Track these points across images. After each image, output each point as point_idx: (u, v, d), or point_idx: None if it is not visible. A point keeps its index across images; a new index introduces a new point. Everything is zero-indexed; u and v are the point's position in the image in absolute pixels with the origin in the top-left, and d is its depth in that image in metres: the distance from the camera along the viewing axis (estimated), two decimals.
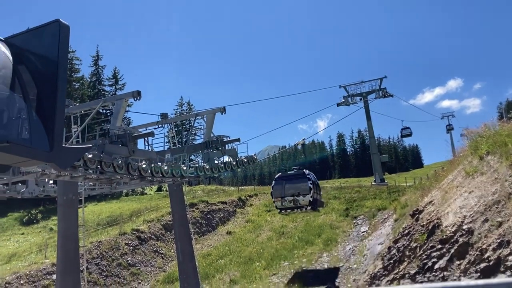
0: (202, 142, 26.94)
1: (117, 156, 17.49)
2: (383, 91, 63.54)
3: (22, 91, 10.62)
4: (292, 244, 35.16)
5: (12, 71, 10.73)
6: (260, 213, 46.30)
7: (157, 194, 59.08)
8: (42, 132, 10.41)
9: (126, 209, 47.91)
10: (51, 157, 10.55)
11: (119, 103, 19.19)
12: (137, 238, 36.71)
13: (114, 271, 31.95)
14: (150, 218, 41.47)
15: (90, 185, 22.51)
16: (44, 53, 11.13)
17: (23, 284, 26.14)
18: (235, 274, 31.32)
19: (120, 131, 18.38)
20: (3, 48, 11.05)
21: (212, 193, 53.93)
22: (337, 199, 46.39)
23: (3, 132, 9.61)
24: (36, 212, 50.30)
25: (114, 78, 75.39)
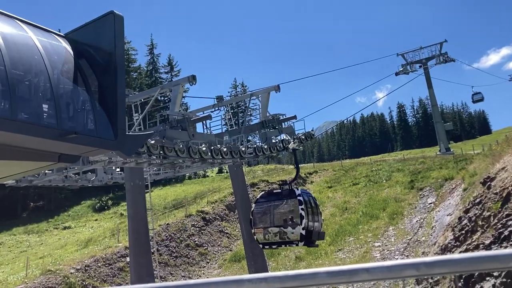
0: (258, 122, 26.98)
1: (178, 140, 17.91)
2: (444, 56, 60.53)
3: (85, 84, 11.07)
4: (356, 219, 34.78)
5: (74, 65, 11.18)
6: (321, 190, 46.07)
7: (218, 176, 60.36)
8: (106, 122, 10.83)
9: (190, 192, 49.37)
10: (116, 145, 10.99)
11: (176, 89, 19.55)
12: (202, 219, 37.78)
13: (183, 252, 33.17)
14: (213, 199, 42.48)
15: (154, 170, 23.29)
16: (102, 45, 11.49)
17: (101, 267, 27.78)
18: (300, 251, 31.51)
19: (179, 116, 18.77)
20: (64, 44, 11.52)
21: (271, 172, 54.27)
22: (401, 172, 45.18)
23: (71, 124, 10.09)
24: (107, 199, 53.02)
25: (170, 65, 77.07)
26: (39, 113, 9.61)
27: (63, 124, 9.49)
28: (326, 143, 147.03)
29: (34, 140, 9.35)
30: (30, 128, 8.99)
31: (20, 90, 9.36)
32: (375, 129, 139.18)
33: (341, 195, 42.75)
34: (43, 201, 55.67)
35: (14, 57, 9.23)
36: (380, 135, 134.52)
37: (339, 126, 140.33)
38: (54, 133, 9.27)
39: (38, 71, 9.88)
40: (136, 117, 20.30)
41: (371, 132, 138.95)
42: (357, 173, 49.35)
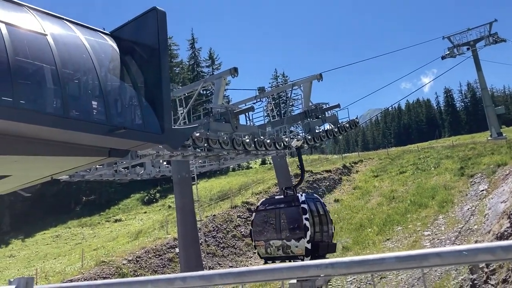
0: (300, 112, 26.81)
1: (222, 132, 18.11)
2: (493, 37, 57.76)
3: (131, 80, 11.32)
4: (404, 208, 34.01)
5: (120, 62, 11.45)
6: (367, 179, 45.33)
7: (262, 167, 60.56)
8: (153, 117, 11.06)
9: (234, 183, 49.84)
10: (163, 139, 11.22)
11: (219, 81, 19.74)
12: (247, 210, 38.07)
13: (230, 242, 33.61)
14: (257, 190, 42.70)
15: (200, 163, 23.68)
16: (146, 41, 11.70)
17: (151, 258, 28.61)
18: (347, 241, 31.20)
19: (222, 109, 18.98)
20: (110, 42, 11.81)
21: (315, 163, 53.90)
22: (450, 159, 43.71)
23: (119, 119, 10.37)
24: (155, 192, 54.40)
25: (211, 59, 77.75)
26: (89, 110, 9.94)
27: (112, 120, 9.77)
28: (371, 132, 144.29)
29: (85, 136, 9.69)
30: (81, 125, 9.31)
31: (71, 88, 9.71)
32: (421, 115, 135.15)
33: (388, 184, 41.89)
34: (95, 195, 57.81)
35: (64, 57, 9.56)
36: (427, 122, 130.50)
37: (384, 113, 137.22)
38: (104, 129, 9.56)
39: (87, 69, 10.21)
40: (181, 111, 20.67)
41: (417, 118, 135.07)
42: (404, 161, 48.17)
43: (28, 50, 9.14)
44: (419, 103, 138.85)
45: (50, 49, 9.27)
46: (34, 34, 9.39)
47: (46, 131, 9.08)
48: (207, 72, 76.09)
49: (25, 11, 9.83)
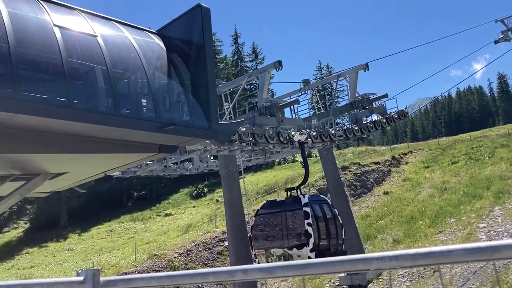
0: (347, 103, 26.38)
1: (267, 126, 18.14)
2: None
3: (178, 77, 11.53)
4: (457, 200, 32.86)
5: (167, 60, 11.68)
6: (417, 171, 44.09)
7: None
8: (200, 113, 11.23)
9: (280, 177, 49.87)
10: (210, 134, 11.37)
11: (263, 75, 19.76)
12: None
13: None
14: None
15: (246, 157, 23.83)
16: (191, 38, 11.87)
17: (201, 251, 29.17)
18: (398, 234, 30.55)
19: (267, 103, 18.99)
20: (156, 40, 12.07)
21: (363, 155, 52.97)
22: (506, 147, 41.76)
23: (168, 116, 10.59)
24: (203, 186, 55.34)
25: (254, 53, 77.92)
26: (139, 107, 10.23)
27: (161, 117, 10.00)
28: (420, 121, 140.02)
29: (136, 133, 9.98)
30: (132, 122, 9.59)
31: (121, 87, 10.01)
32: (473, 103, 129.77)
33: (439, 175, 40.58)
34: (145, 190, 59.50)
35: (114, 57, 9.87)
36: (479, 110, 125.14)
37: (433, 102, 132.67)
38: (153, 125, 9.81)
39: (136, 68, 10.49)
40: (226, 106, 20.86)
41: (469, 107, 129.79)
42: (456, 151, 46.47)
43: (80, 52, 9.50)
44: (470, 91, 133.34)
45: (101, 50, 9.59)
46: (85, 36, 9.74)
47: (99, 129, 9.43)
48: (250, 67, 76.33)
49: (76, 14, 10.20)
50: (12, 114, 7.84)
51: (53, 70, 8.81)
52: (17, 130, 8.50)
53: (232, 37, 78.49)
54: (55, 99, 8.58)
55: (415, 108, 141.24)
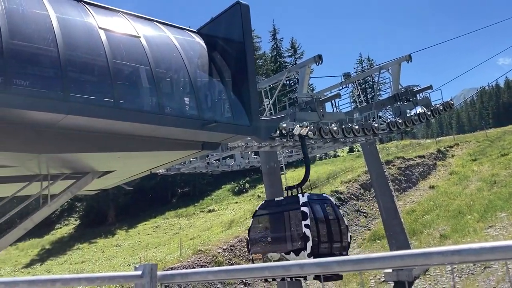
0: (390, 95, 25.81)
1: (309, 121, 18.02)
2: None
3: (219, 74, 11.64)
4: (508, 193, 31.55)
5: (208, 58, 11.82)
6: (464, 163, 42.63)
7: (350, 155, 59.39)
8: (241, 110, 11.30)
9: (321, 172, 49.44)
10: (251, 131, 11.42)
11: (303, 70, 19.63)
12: (337, 199, 37.62)
13: None
14: (346, 179, 41.99)
15: (287, 153, 23.79)
16: (231, 36, 11.95)
17: (244, 247, 29.37)
18: (445, 228, 29.68)
19: (307, 98, 18.88)
20: (197, 39, 12.23)
21: (406, 148, 51.73)
22: None
23: (210, 114, 10.72)
24: (244, 182, 55.71)
25: (293, 49, 77.47)
26: (182, 106, 10.41)
27: (204, 115, 10.15)
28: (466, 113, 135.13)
29: (179, 131, 10.18)
30: (175, 121, 9.79)
31: (164, 86, 10.23)
32: None
33: (488, 167, 39.07)
34: (189, 187, 60.51)
35: (156, 57, 10.09)
36: None
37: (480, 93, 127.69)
38: (196, 123, 9.96)
39: (178, 67, 10.68)
40: (266, 102, 20.88)
41: None
42: (506, 142, 44.58)
43: (124, 53, 9.76)
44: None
45: (144, 50, 9.83)
46: (129, 37, 10.01)
47: (144, 128, 9.67)
48: (289, 62, 75.95)
49: (120, 16, 10.49)
50: (62, 115, 8.17)
51: (99, 72, 9.10)
52: (67, 131, 8.85)
53: (271, 33, 78.40)
54: (102, 100, 8.87)
55: (460, 100, 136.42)
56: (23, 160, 9.68)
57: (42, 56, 8.49)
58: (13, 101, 7.60)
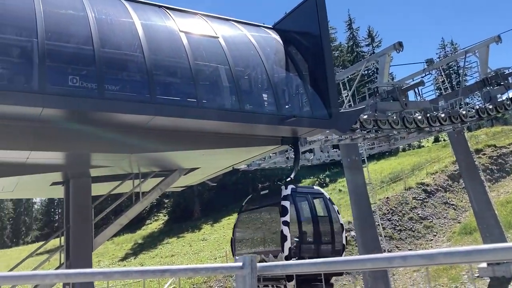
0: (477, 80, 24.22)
1: (391, 112, 17.45)
2: None
3: (296, 69, 11.64)
4: None
5: (285, 53, 11.87)
6: None
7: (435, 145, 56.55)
8: (320, 103, 11.23)
9: (405, 164, 47.59)
10: (331, 124, 11.31)
11: (382, 59, 19.03)
12: (423, 192, 36.08)
13: (407, 225, 32.31)
14: (433, 170, 40.09)
15: (368, 145, 23.23)
16: (307, 29, 11.90)
17: None
18: None
19: (388, 87, 18.28)
20: (273, 35, 12.31)
21: (498, 136, 48.22)
22: None
23: (289, 108, 10.77)
24: (324, 176, 55.22)
25: (370, 37, 75.25)
26: (261, 102, 10.57)
27: (282, 110, 10.23)
28: None
29: (259, 127, 10.35)
30: (255, 117, 9.96)
31: (243, 84, 10.44)
32: None
33: None
34: (269, 182, 61.22)
35: (235, 55, 10.33)
36: None
37: None
38: (275, 119, 10.07)
39: (255, 64, 10.85)
40: (345, 94, 20.50)
41: None
42: None
43: (205, 54, 10.11)
44: None
45: (223, 50, 10.11)
46: (208, 38, 10.35)
47: (226, 125, 9.96)
48: (367, 52, 73.88)
49: (198, 18, 10.88)
50: (150, 116, 8.65)
51: (182, 74, 9.51)
52: (155, 131, 9.36)
53: (346, 22, 76.74)
54: (186, 100, 9.26)
55: None
56: (116, 160, 10.38)
57: (130, 62, 9.05)
58: (106, 105, 8.17)
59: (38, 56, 7.57)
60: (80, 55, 8.36)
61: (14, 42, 8.04)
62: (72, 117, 8.23)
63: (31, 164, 9.33)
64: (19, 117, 7.81)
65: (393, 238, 30.76)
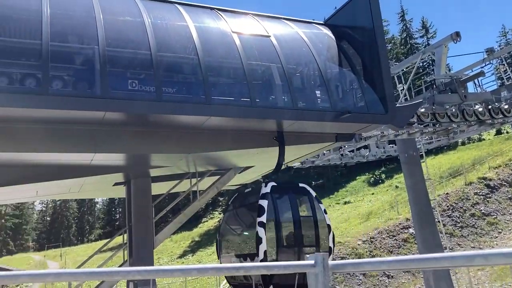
0: None
1: (449, 104, 16.79)
2: None
3: (349, 64, 11.48)
4: None
5: (337, 49, 11.73)
6: None
7: (497, 138, 53.81)
8: (375, 98, 11.01)
9: (465, 158, 45.66)
10: (387, 119, 11.05)
11: (439, 50, 18.33)
12: (485, 187, 34.49)
13: (468, 222, 31.01)
14: (495, 164, 38.20)
15: (426, 139, 22.48)
16: (359, 23, 11.71)
17: (385, 239, 28.57)
18: None
19: (446, 79, 17.61)
20: (325, 31, 12.21)
21: None
22: None
23: (343, 104, 10.64)
24: (379, 172, 53.98)
25: (424, 28, 72.67)
26: (314, 99, 10.50)
27: (337, 106, 10.10)
28: None
29: (313, 124, 10.29)
30: (309, 114, 9.91)
31: (295, 81, 10.42)
32: None
33: None
34: (322, 179, 60.73)
35: (287, 53, 10.33)
36: None
37: None
38: (329, 115, 9.97)
39: (308, 61, 10.80)
40: (400, 87, 19.95)
41: None
42: None
43: (257, 53, 10.19)
44: None
45: (275, 49, 10.14)
46: (260, 38, 10.42)
47: (279, 124, 9.99)
48: (421, 43, 71.44)
49: (249, 18, 10.97)
50: (206, 117, 8.84)
51: (235, 74, 9.63)
52: (211, 131, 9.55)
53: (398, 14, 74.53)
54: (239, 100, 9.38)
55: None
56: (174, 160, 10.69)
57: (185, 64, 9.29)
58: (164, 108, 8.43)
59: (100, 62, 7.93)
60: (138, 60, 8.68)
61: (77, 50, 8.46)
62: (133, 119, 8.57)
63: (95, 165, 9.79)
64: (84, 121, 8.22)
65: (454, 235, 29.63)
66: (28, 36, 8.07)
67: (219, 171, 12.21)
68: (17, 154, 8.80)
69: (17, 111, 7.55)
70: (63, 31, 8.33)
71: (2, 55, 7.71)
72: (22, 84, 7.63)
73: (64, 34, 8.33)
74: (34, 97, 7.44)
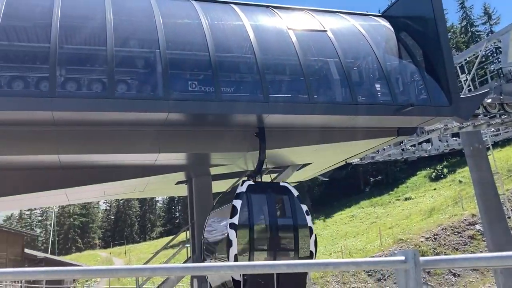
0: None
1: None
2: None
3: (410, 55, 11.12)
4: None
5: (396, 40, 11.40)
6: None
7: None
8: (438, 89, 10.59)
9: None
10: (452, 111, 10.60)
11: (506, 37, 17.32)
12: None
13: None
14: None
15: (493, 131, 21.37)
16: (419, 13, 11.32)
17: (449, 235, 27.43)
18: None
19: None
20: (383, 22, 11.91)
21: None
22: None
23: (404, 97, 10.32)
24: (441, 167, 51.92)
25: (486, 15, 69.05)
26: (374, 93, 10.24)
27: (398, 99, 9.81)
28: None
29: (374, 119, 10.05)
30: (369, 109, 9.69)
31: (354, 75, 10.21)
32: None
33: None
34: (381, 175, 59.34)
35: (344, 47, 10.14)
36: None
37: None
38: (390, 109, 9.70)
39: (366, 54, 10.56)
40: (463, 78, 19.08)
41: None
42: None
43: (314, 49, 10.09)
44: None
45: (331, 43, 9.99)
46: (316, 33, 10.31)
47: (338, 119, 9.85)
48: (483, 30, 67.96)
49: (305, 13, 10.89)
50: (264, 115, 8.87)
51: (293, 71, 9.58)
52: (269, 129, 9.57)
53: (458, 1, 71.29)
54: (297, 97, 9.33)
55: None
56: (233, 158, 10.82)
57: (242, 63, 9.37)
58: (222, 108, 8.55)
59: (161, 65, 8.16)
60: (197, 61, 8.87)
61: (139, 54, 8.77)
62: (193, 119, 8.76)
63: (159, 165, 10.11)
64: (148, 123, 8.51)
65: None
66: (94, 43, 8.45)
67: (277, 169, 12.23)
68: (85, 156, 9.27)
69: (85, 115, 7.94)
70: (126, 36, 8.66)
71: (72, 62, 8.13)
72: (89, 89, 8.01)
73: (127, 39, 8.66)
74: (101, 100, 7.79)
